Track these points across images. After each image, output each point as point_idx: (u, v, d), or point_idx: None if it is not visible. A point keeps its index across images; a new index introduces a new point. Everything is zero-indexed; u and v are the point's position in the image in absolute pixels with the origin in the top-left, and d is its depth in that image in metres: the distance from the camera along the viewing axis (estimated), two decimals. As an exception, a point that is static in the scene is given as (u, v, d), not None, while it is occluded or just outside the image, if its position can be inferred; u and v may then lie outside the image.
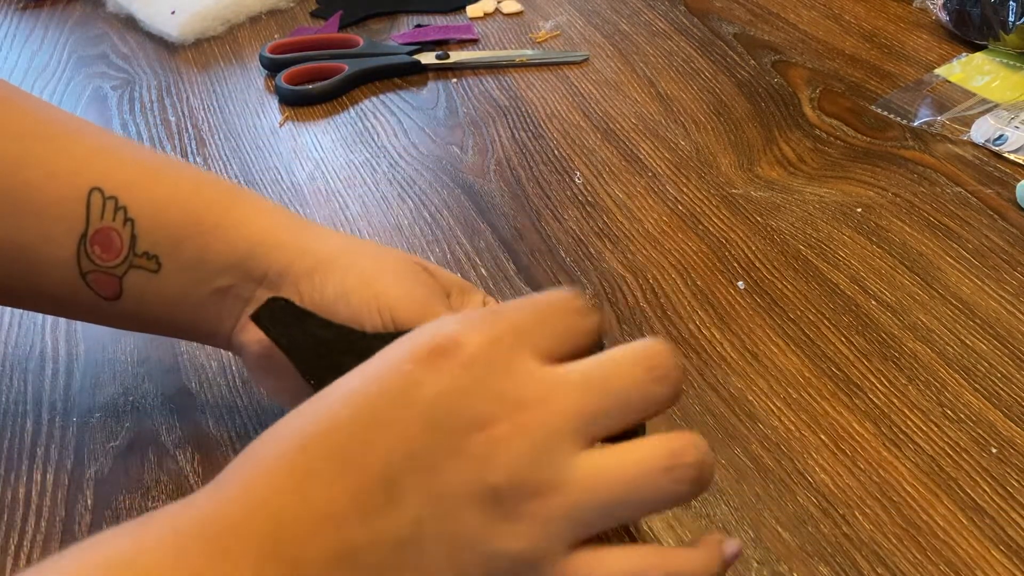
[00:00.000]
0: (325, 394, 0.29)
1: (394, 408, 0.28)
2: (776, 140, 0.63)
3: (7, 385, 0.49)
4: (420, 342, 0.29)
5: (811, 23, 0.75)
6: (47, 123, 0.41)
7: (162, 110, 0.72)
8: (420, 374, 0.28)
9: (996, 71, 0.66)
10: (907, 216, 0.55)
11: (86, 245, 0.39)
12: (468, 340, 0.28)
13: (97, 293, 0.40)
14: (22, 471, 0.44)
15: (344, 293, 0.38)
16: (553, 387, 0.28)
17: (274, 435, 0.29)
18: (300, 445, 0.28)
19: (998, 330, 0.47)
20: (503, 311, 0.30)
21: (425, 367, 0.28)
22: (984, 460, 0.41)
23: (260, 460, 0.28)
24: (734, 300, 0.50)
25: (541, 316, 0.30)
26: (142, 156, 0.42)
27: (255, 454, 0.28)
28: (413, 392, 0.28)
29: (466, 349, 0.28)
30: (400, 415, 0.28)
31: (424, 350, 0.28)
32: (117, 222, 0.39)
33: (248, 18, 0.83)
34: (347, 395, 0.29)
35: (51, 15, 0.88)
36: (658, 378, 0.29)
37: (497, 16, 0.81)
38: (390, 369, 0.29)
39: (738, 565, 0.38)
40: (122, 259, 0.39)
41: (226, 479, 0.28)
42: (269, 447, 0.28)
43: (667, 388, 0.29)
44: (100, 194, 0.39)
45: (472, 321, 0.29)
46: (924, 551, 0.38)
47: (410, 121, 0.68)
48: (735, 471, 0.42)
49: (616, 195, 0.59)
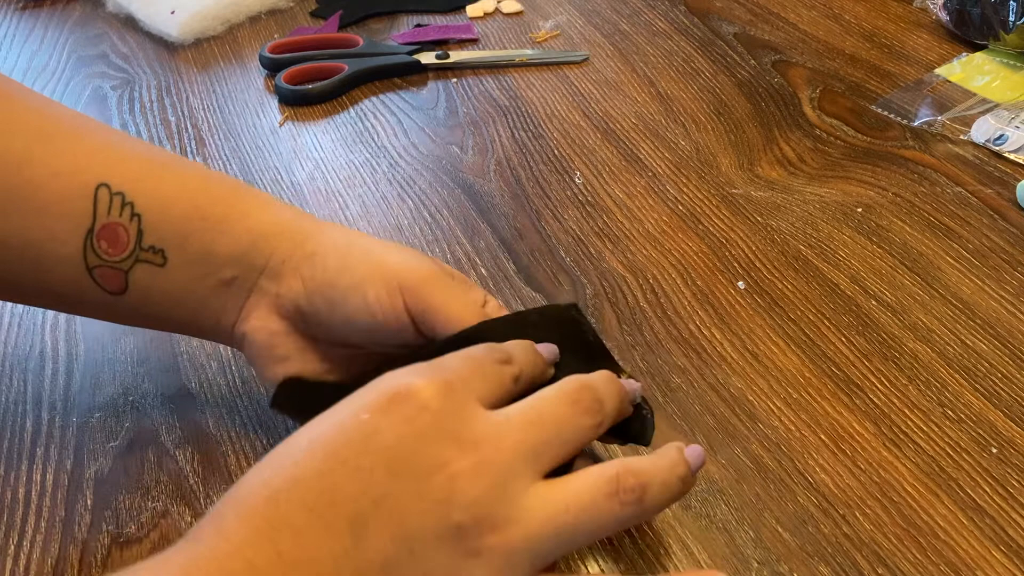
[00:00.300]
0: (289, 443, 0.30)
1: (357, 456, 0.29)
2: (776, 140, 0.63)
3: (7, 385, 0.49)
4: (375, 392, 0.31)
5: (811, 23, 0.75)
6: (51, 120, 0.41)
7: (162, 110, 0.72)
8: (378, 422, 0.30)
9: (996, 71, 0.66)
10: (907, 216, 0.55)
11: (93, 240, 0.39)
12: (421, 388, 0.30)
13: (103, 288, 0.40)
14: (22, 471, 0.44)
15: (347, 267, 0.39)
16: (500, 427, 0.31)
17: (245, 487, 0.29)
18: (269, 496, 0.29)
19: (998, 330, 0.47)
20: (447, 363, 0.33)
21: (382, 415, 0.30)
22: (984, 460, 0.41)
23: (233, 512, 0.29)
24: (734, 300, 0.50)
25: (477, 367, 0.33)
26: (147, 152, 0.42)
27: (228, 508, 0.29)
28: (374, 439, 0.29)
29: (420, 396, 0.30)
30: (363, 462, 0.29)
31: (382, 399, 0.30)
32: (124, 217, 0.39)
33: (248, 18, 0.83)
34: (311, 445, 0.30)
35: (51, 15, 0.88)
36: (584, 410, 0.32)
37: (497, 16, 0.81)
38: (350, 418, 0.30)
39: (738, 565, 0.38)
40: (128, 253, 0.40)
41: (201, 533, 0.29)
42: (241, 500, 0.29)
43: (594, 418, 0.33)
44: (107, 190, 0.39)
45: (422, 372, 0.31)
46: (924, 551, 0.38)
47: (410, 121, 0.68)
48: (735, 471, 0.42)
49: (616, 195, 0.59)
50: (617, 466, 0.31)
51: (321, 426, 0.31)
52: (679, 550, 0.39)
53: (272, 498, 0.28)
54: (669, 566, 0.38)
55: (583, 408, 0.32)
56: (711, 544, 0.39)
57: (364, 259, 0.39)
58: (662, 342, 0.48)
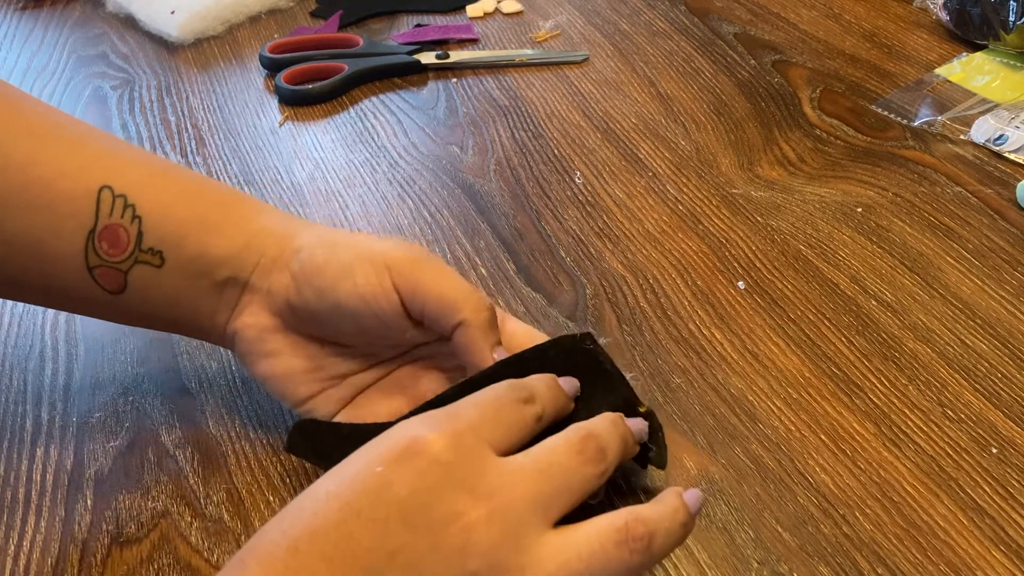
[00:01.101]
0: (308, 494, 0.31)
1: (372, 508, 0.30)
2: (776, 140, 0.63)
3: (7, 385, 0.49)
4: (388, 444, 0.31)
5: (811, 23, 0.75)
6: (55, 125, 0.42)
7: (162, 110, 0.72)
8: (391, 474, 0.30)
9: (996, 71, 0.66)
10: (907, 216, 0.55)
11: (94, 241, 0.40)
12: (432, 440, 0.31)
13: (102, 287, 0.41)
14: (22, 471, 0.44)
15: (335, 255, 0.40)
16: (512, 475, 0.31)
17: (265, 537, 0.30)
18: (289, 546, 0.29)
19: (998, 330, 0.47)
20: (460, 412, 0.33)
21: (395, 468, 0.30)
22: (984, 460, 0.41)
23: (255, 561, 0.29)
24: (734, 300, 0.50)
25: (493, 412, 0.33)
26: (148, 158, 0.44)
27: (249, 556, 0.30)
28: (386, 492, 0.30)
29: (432, 448, 0.31)
30: (378, 514, 0.30)
31: (394, 452, 0.31)
32: (125, 219, 0.40)
33: (248, 18, 0.83)
34: (328, 496, 0.30)
35: (51, 15, 0.88)
36: (588, 460, 0.33)
37: (497, 16, 0.81)
38: (363, 471, 0.31)
39: (738, 565, 0.38)
40: (128, 254, 0.41)
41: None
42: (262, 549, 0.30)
43: (597, 467, 0.33)
44: (110, 192, 0.40)
45: (434, 422, 0.32)
46: (924, 551, 0.38)
47: (410, 121, 0.68)
48: (735, 471, 0.42)
49: (616, 195, 0.59)
50: (626, 515, 0.32)
51: (338, 477, 0.31)
52: (679, 550, 0.38)
53: (292, 548, 0.29)
54: (669, 566, 0.38)
55: (587, 458, 0.33)
56: (711, 544, 0.39)
57: (351, 247, 0.41)
58: (662, 342, 0.48)
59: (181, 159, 0.66)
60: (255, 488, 0.43)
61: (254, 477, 0.43)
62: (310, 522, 0.30)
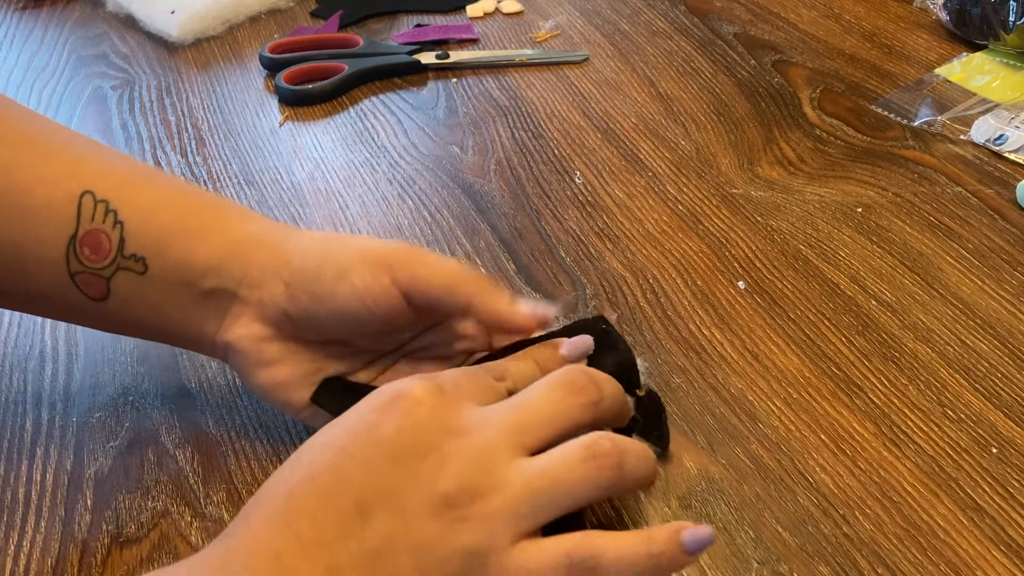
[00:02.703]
0: (305, 447, 0.34)
1: (363, 449, 0.33)
2: (776, 140, 0.63)
3: (7, 385, 0.49)
4: (378, 396, 0.34)
5: (811, 23, 0.75)
6: (37, 131, 0.42)
7: (162, 110, 0.72)
8: (379, 418, 0.33)
9: (996, 71, 0.66)
10: (907, 216, 0.55)
11: (76, 246, 0.40)
12: (416, 388, 0.34)
13: (85, 294, 0.41)
14: (22, 471, 0.44)
15: (328, 260, 0.40)
16: (487, 416, 0.34)
17: (267, 490, 0.33)
18: (288, 492, 0.32)
19: (998, 330, 0.47)
20: (442, 374, 0.36)
21: (382, 412, 0.33)
22: (984, 460, 0.41)
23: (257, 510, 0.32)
24: (734, 300, 0.50)
25: (472, 377, 0.37)
26: (130, 164, 0.44)
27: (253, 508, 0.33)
28: (376, 433, 0.33)
29: (415, 393, 0.34)
30: (368, 453, 0.32)
31: (382, 401, 0.34)
32: (107, 224, 0.40)
33: (248, 18, 0.83)
34: (323, 446, 0.33)
35: (51, 15, 0.88)
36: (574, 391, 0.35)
37: (497, 16, 0.81)
38: (356, 420, 0.34)
39: (738, 565, 0.38)
40: (110, 261, 0.40)
41: (231, 531, 0.32)
42: (264, 499, 0.33)
43: (587, 396, 0.35)
44: (92, 197, 0.40)
45: (419, 378, 0.35)
46: (924, 551, 0.38)
47: (410, 121, 0.68)
48: (735, 471, 0.42)
49: (616, 195, 0.59)
50: (595, 435, 0.33)
51: (332, 430, 0.34)
52: (679, 550, 0.38)
53: (291, 493, 0.32)
54: (669, 566, 0.38)
55: (573, 389, 0.35)
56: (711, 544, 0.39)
57: (343, 249, 0.41)
58: (662, 342, 0.48)
59: (181, 159, 0.66)
60: (255, 488, 0.42)
61: (254, 477, 0.43)
62: (307, 469, 0.32)
